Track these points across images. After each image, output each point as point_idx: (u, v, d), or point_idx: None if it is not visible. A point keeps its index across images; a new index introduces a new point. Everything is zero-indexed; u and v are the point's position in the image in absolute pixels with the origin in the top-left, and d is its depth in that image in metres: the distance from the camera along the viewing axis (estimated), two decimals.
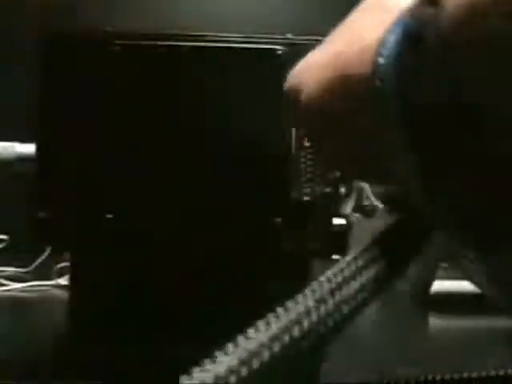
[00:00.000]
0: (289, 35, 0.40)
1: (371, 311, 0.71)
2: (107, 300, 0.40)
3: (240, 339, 0.15)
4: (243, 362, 0.15)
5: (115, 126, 0.38)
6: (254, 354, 0.15)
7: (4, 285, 0.67)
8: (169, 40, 0.37)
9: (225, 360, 0.15)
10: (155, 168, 0.38)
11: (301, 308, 0.17)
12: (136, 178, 0.38)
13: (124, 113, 0.37)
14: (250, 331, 0.16)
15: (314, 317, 0.17)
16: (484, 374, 0.36)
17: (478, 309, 0.63)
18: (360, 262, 0.19)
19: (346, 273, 0.18)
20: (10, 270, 0.72)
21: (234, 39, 0.39)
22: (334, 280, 0.18)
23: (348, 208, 0.39)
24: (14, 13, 1.48)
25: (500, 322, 0.58)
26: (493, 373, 0.37)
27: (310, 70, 0.22)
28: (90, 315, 0.40)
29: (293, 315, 0.17)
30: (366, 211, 0.39)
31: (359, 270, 0.18)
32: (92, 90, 0.37)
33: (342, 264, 0.19)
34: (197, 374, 0.14)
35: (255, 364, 0.15)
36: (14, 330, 0.52)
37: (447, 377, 0.38)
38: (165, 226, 0.38)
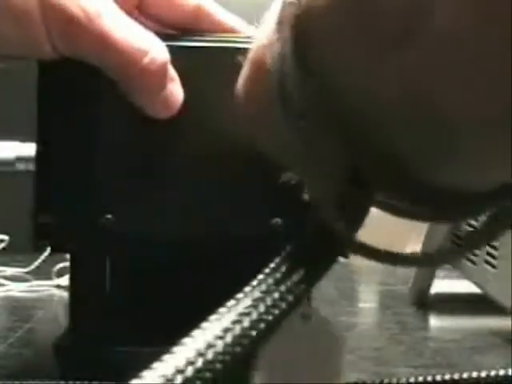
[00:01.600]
0: None
1: (371, 311, 0.72)
2: (107, 300, 0.40)
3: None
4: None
5: (115, 125, 0.38)
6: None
7: (4, 285, 0.67)
8: (168, 40, 0.37)
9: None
10: (155, 168, 0.38)
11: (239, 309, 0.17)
12: (136, 178, 0.38)
13: (124, 112, 0.37)
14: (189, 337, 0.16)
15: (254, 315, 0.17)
16: (484, 373, 0.37)
17: (478, 309, 0.63)
18: (283, 268, 0.19)
19: (276, 276, 0.18)
20: (11, 270, 0.72)
21: (234, 39, 0.39)
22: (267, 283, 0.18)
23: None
24: None
25: (500, 322, 0.58)
26: (493, 373, 0.37)
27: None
28: (90, 315, 0.40)
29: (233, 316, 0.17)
30: None
31: (284, 276, 0.19)
32: (92, 90, 0.37)
33: (269, 269, 0.19)
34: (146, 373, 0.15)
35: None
36: (14, 330, 0.52)
37: (447, 377, 0.38)
38: (164, 226, 0.38)
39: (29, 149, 0.43)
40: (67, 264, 0.41)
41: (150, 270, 0.40)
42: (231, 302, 0.18)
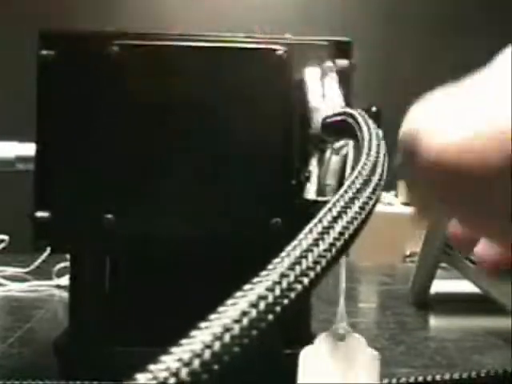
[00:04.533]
0: (289, 35, 0.40)
1: (371, 311, 0.72)
2: (107, 300, 0.40)
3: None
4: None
5: (114, 125, 0.38)
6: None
7: (4, 285, 0.67)
8: (169, 40, 0.37)
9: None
10: (155, 168, 0.38)
11: (308, 241, 0.18)
12: (136, 177, 0.38)
13: (123, 113, 0.37)
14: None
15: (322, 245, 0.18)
16: (484, 373, 0.37)
17: (478, 309, 0.63)
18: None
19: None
20: (10, 270, 0.72)
21: (234, 39, 0.39)
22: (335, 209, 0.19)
23: (311, 193, 0.38)
24: (14, 13, 1.48)
25: (500, 322, 0.58)
26: (492, 373, 0.37)
27: (441, 123, 0.21)
28: (89, 315, 0.40)
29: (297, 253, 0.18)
30: (322, 192, 0.38)
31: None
32: (91, 90, 0.37)
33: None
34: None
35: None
36: (14, 330, 0.52)
37: (447, 377, 0.38)
38: (164, 226, 0.38)
39: (29, 149, 0.43)
40: (67, 264, 0.41)
41: (150, 270, 0.40)
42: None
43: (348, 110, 0.26)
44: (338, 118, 0.28)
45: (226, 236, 0.39)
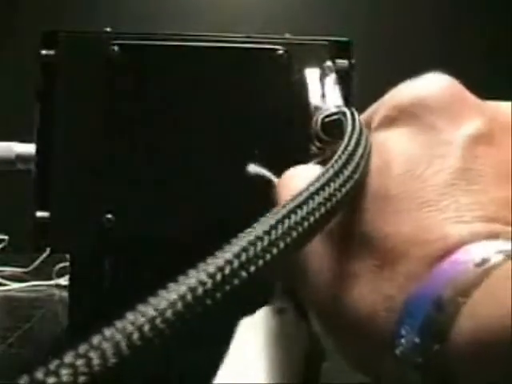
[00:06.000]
0: (289, 35, 0.40)
1: None
2: (107, 300, 0.40)
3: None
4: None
5: (114, 125, 0.38)
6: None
7: (4, 285, 0.67)
8: (169, 40, 0.37)
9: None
10: (155, 168, 0.38)
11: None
12: (136, 177, 0.38)
13: (123, 113, 0.37)
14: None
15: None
16: None
17: None
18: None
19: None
20: (10, 270, 0.72)
21: (234, 39, 0.39)
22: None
23: None
24: (14, 13, 1.48)
25: None
26: None
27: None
28: (89, 315, 0.40)
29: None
30: None
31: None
32: (91, 90, 0.37)
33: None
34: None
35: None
36: (14, 330, 0.52)
37: None
38: (165, 226, 0.38)
39: (29, 149, 0.43)
40: (67, 264, 0.41)
41: (149, 270, 0.40)
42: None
43: (343, 109, 0.26)
44: (335, 117, 0.28)
45: (226, 236, 0.39)
